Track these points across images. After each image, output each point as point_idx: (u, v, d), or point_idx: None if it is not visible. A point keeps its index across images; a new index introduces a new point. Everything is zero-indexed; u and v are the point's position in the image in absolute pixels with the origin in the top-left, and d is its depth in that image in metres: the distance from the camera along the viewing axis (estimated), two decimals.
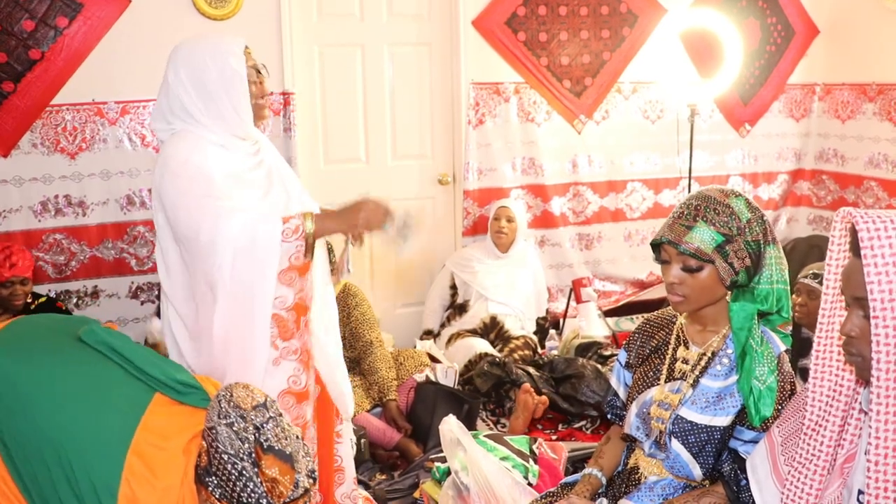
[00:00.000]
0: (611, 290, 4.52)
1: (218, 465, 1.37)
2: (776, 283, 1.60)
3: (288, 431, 1.43)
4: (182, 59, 1.86)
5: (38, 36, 3.20)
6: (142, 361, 1.47)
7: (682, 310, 1.66)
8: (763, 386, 1.56)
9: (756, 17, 4.46)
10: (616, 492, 1.76)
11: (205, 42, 1.89)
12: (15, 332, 1.53)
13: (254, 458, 1.37)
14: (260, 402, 1.43)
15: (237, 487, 1.37)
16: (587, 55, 4.17)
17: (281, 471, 1.38)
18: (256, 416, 1.40)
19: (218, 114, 1.86)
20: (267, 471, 1.37)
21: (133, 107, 3.42)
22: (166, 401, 1.46)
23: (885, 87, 4.30)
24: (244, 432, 1.38)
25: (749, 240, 1.57)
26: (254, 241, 1.78)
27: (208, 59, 1.83)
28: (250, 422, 1.39)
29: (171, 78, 1.86)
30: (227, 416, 1.39)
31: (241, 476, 1.36)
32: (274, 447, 1.39)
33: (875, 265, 1.09)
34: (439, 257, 4.09)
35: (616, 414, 1.85)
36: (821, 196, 4.84)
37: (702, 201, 1.59)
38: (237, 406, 1.40)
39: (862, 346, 1.14)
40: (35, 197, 3.35)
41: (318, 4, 3.73)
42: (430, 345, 3.65)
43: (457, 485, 2.31)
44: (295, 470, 1.40)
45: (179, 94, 1.85)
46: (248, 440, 1.37)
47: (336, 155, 3.90)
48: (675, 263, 1.60)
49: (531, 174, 4.21)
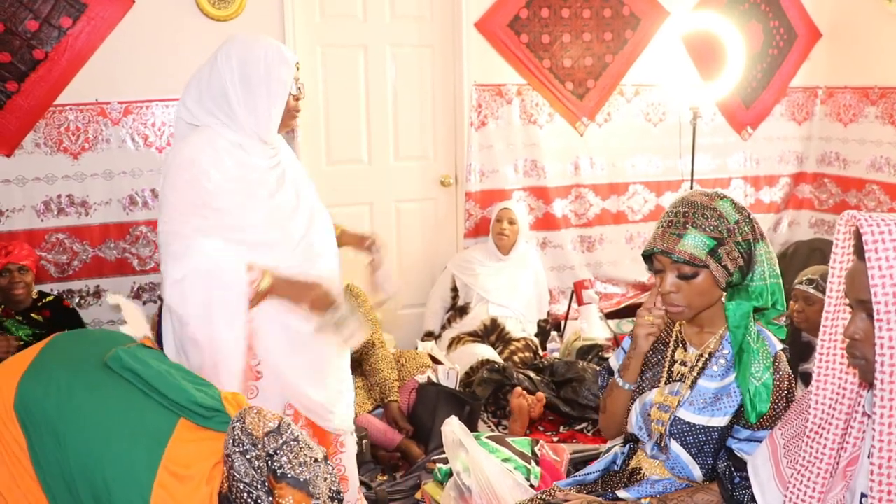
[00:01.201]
0: (612, 293, 4.52)
1: (236, 493, 1.36)
2: (769, 279, 1.61)
3: (304, 456, 1.39)
4: (238, 47, 1.91)
5: (42, 36, 3.20)
6: (166, 387, 1.45)
7: (682, 319, 1.66)
8: (759, 382, 1.57)
9: (758, 20, 4.47)
10: (614, 489, 1.77)
11: (266, 42, 1.94)
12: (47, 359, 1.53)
13: (268, 487, 1.35)
14: (272, 427, 1.39)
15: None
16: (590, 57, 4.17)
17: (296, 499, 1.35)
18: (269, 443, 1.37)
19: (253, 107, 1.90)
20: (282, 501, 1.34)
21: (136, 107, 3.43)
22: (190, 426, 1.45)
23: (888, 91, 4.30)
24: (257, 460, 1.35)
25: (739, 240, 1.57)
26: (210, 273, 1.81)
27: (262, 57, 1.89)
28: (262, 449, 1.36)
29: (220, 59, 1.90)
30: (240, 443, 1.36)
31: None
32: (287, 475, 1.35)
33: (879, 268, 1.09)
34: (441, 259, 4.10)
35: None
36: (822, 199, 4.84)
37: (689, 207, 1.58)
38: (249, 433, 1.37)
39: (866, 349, 1.15)
40: (38, 197, 3.36)
41: (321, 5, 3.73)
42: (431, 346, 3.64)
43: (459, 486, 2.31)
44: (312, 496, 1.36)
45: (224, 75, 1.88)
46: (262, 469, 1.35)
47: (338, 156, 3.90)
48: (670, 272, 1.60)
49: (533, 176, 4.21)
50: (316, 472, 1.38)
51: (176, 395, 1.45)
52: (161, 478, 1.34)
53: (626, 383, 1.74)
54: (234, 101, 1.88)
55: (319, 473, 1.39)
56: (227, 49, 1.90)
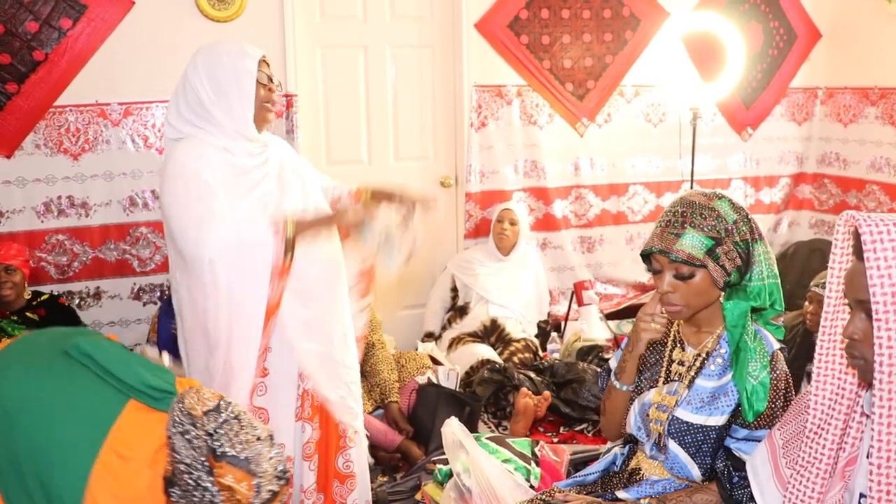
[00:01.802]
0: (612, 293, 4.52)
1: (177, 475, 1.32)
2: (767, 279, 1.61)
3: (245, 434, 1.35)
4: (202, 55, 1.99)
5: (42, 37, 3.21)
6: (118, 369, 1.42)
7: (679, 319, 1.67)
8: (756, 381, 1.57)
9: (758, 20, 4.47)
10: (614, 489, 1.77)
11: (226, 44, 2.03)
12: (8, 348, 1.52)
13: (208, 467, 1.31)
14: (211, 406, 1.36)
15: (195, 497, 1.31)
16: (590, 58, 4.17)
17: (237, 478, 1.31)
18: (208, 422, 1.33)
19: (227, 105, 1.96)
20: (222, 479, 1.30)
21: (136, 108, 3.43)
22: (140, 407, 1.41)
23: (888, 91, 4.30)
24: (196, 440, 1.32)
25: (737, 240, 1.58)
26: (241, 242, 1.87)
27: (224, 57, 1.98)
28: (201, 428, 1.32)
29: (189, 71, 1.98)
30: (180, 424, 1.33)
31: (198, 486, 1.31)
32: (227, 453, 1.32)
33: (878, 268, 1.10)
34: (441, 259, 4.09)
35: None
36: (822, 200, 4.84)
37: (687, 207, 1.59)
38: (188, 413, 1.34)
39: (864, 349, 1.15)
40: (38, 198, 3.36)
41: (321, 6, 3.74)
42: (431, 347, 3.64)
43: (459, 487, 2.31)
44: (253, 474, 1.32)
45: (195, 83, 1.95)
46: (201, 448, 1.31)
47: (338, 156, 3.90)
48: (668, 272, 1.60)
49: (533, 177, 4.21)
50: (258, 451, 1.35)
51: (128, 376, 1.42)
52: (104, 457, 1.32)
53: (623, 385, 1.74)
54: (209, 104, 1.95)
55: (262, 452, 1.35)
56: (194, 60, 1.99)
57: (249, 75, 1.97)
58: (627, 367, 1.73)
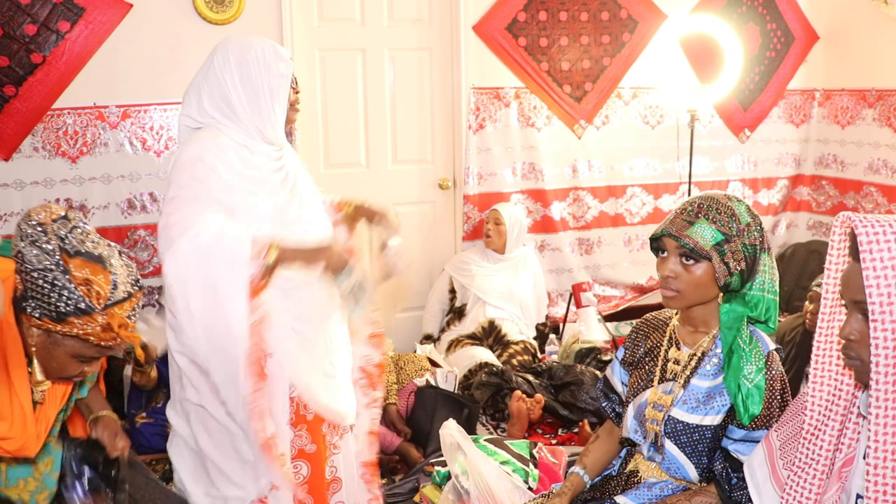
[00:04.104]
0: (610, 295, 4.52)
1: (30, 285, 1.36)
2: (767, 293, 1.64)
3: (96, 237, 1.43)
4: (234, 49, 1.90)
5: (40, 40, 3.21)
6: None
7: (674, 306, 1.67)
8: (751, 384, 1.58)
9: (756, 22, 4.48)
10: (612, 493, 1.77)
11: (261, 41, 1.93)
12: None
13: (62, 266, 1.36)
14: (60, 214, 1.43)
15: (52, 299, 1.35)
16: (587, 60, 4.18)
17: (92, 271, 1.37)
18: (60, 228, 1.40)
19: (257, 107, 1.90)
20: (77, 273, 1.36)
21: (134, 111, 3.43)
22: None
23: (885, 93, 4.31)
24: (48, 244, 1.37)
25: (746, 243, 1.59)
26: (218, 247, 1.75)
27: (260, 56, 1.89)
28: (52, 234, 1.38)
29: (217, 63, 1.89)
30: (29, 235, 1.38)
31: (53, 287, 1.35)
32: (80, 250, 1.39)
33: (874, 269, 1.10)
34: (439, 261, 4.10)
35: (615, 411, 1.86)
36: (820, 201, 4.85)
37: (705, 200, 1.63)
38: (38, 223, 1.39)
39: (861, 349, 1.15)
40: (36, 200, 3.35)
41: (319, 9, 3.74)
42: (430, 349, 3.64)
43: (457, 489, 2.31)
44: (109, 271, 1.40)
45: (224, 79, 1.88)
46: (54, 251, 1.37)
47: (337, 159, 3.91)
48: (673, 255, 1.62)
49: (531, 179, 4.22)
50: (109, 252, 1.43)
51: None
52: None
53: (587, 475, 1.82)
54: (237, 104, 1.89)
55: (113, 254, 1.43)
56: (224, 52, 1.90)
57: (284, 81, 1.91)
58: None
